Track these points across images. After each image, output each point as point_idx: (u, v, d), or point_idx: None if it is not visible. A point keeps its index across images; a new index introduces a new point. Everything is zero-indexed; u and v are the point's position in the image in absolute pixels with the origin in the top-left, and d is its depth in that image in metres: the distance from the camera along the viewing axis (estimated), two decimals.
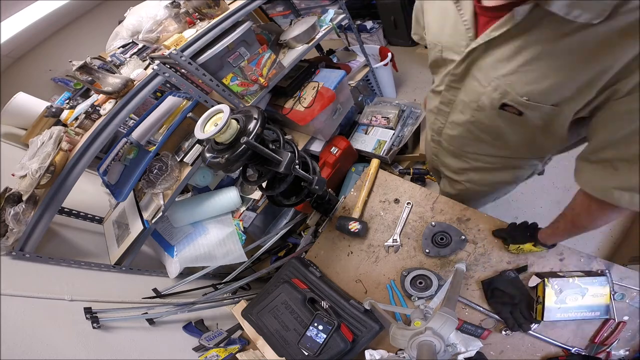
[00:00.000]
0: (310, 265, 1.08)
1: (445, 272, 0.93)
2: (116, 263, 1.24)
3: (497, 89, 0.61)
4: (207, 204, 1.45)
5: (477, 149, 0.82)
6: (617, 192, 0.53)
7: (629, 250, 1.48)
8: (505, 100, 0.62)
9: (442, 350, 0.53)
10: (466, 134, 0.79)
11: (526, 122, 0.63)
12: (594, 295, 0.75)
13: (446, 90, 0.75)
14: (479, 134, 0.76)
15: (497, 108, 0.64)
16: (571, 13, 0.44)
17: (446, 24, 0.67)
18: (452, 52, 0.67)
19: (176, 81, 1.19)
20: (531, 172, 0.88)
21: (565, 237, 0.72)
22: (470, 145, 0.82)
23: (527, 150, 0.77)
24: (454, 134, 0.83)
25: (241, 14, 1.27)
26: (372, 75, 2.19)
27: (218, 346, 1.03)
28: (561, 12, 0.45)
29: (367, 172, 1.16)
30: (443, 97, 0.77)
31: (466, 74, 0.67)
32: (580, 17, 0.44)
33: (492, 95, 0.63)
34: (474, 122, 0.73)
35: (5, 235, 0.99)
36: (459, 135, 0.82)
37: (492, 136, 0.74)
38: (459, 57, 0.65)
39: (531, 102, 0.58)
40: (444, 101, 0.78)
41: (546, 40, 0.50)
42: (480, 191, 0.99)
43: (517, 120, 0.64)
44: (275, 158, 0.75)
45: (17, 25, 1.63)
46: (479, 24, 0.60)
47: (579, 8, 0.44)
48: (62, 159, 1.09)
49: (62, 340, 0.82)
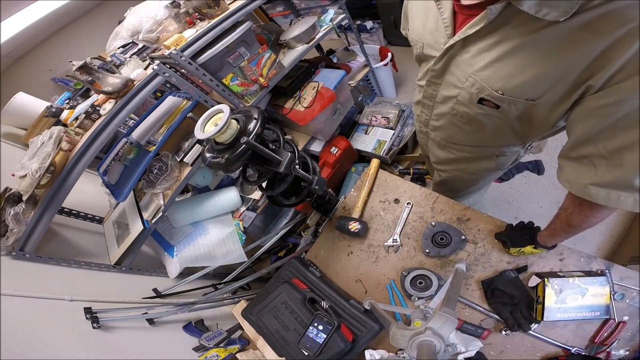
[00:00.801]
0: (310, 265, 1.08)
1: (445, 272, 0.93)
2: (116, 263, 1.24)
3: (474, 84, 0.64)
4: (207, 204, 1.45)
5: (460, 139, 0.85)
6: (593, 189, 0.53)
7: (629, 250, 1.48)
8: (482, 95, 0.64)
9: (442, 350, 0.53)
10: (449, 126, 0.82)
11: (504, 114, 0.65)
12: (594, 295, 0.75)
13: (427, 85, 0.78)
14: (461, 125, 0.78)
15: (475, 102, 0.67)
16: (540, 11, 0.47)
17: (427, 22, 0.70)
18: (432, 49, 0.71)
19: (176, 81, 1.19)
20: (514, 158, 0.91)
21: (564, 237, 0.72)
22: (455, 136, 0.85)
23: (509, 139, 0.79)
24: (438, 125, 0.86)
25: (241, 14, 1.27)
26: (372, 75, 2.18)
27: (218, 346, 1.03)
28: (531, 11, 0.47)
29: (367, 172, 1.16)
30: (425, 92, 0.81)
31: (445, 70, 0.70)
32: (549, 15, 0.46)
33: (470, 90, 0.66)
34: (455, 114, 0.76)
35: (5, 235, 0.99)
36: (443, 126, 0.85)
37: (474, 127, 0.76)
38: (438, 53, 0.68)
39: (506, 96, 0.60)
40: (426, 95, 0.81)
41: (517, 36, 0.53)
42: (467, 179, 1.03)
43: (495, 112, 0.66)
44: (275, 158, 0.75)
45: (17, 25, 1.62)
46: (457, 22, 0.62)
47: (547, 7, 0.46)
48: (62, 159, 1.08)
49: (62, 340, 0.82)
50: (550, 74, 0.52)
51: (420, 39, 0.74)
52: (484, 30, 0.55)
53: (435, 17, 0.66)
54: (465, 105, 0.71)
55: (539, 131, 0.70)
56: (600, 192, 0.52)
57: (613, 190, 0.51)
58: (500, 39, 0.55)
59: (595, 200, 0.53)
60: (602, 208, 0.58)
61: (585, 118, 0.52)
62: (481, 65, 0.60)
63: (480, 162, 0.92)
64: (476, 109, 0.69)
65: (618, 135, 0.48)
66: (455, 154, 0.93)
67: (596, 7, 0.43)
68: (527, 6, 0.47)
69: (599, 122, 0.50)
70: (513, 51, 0.54)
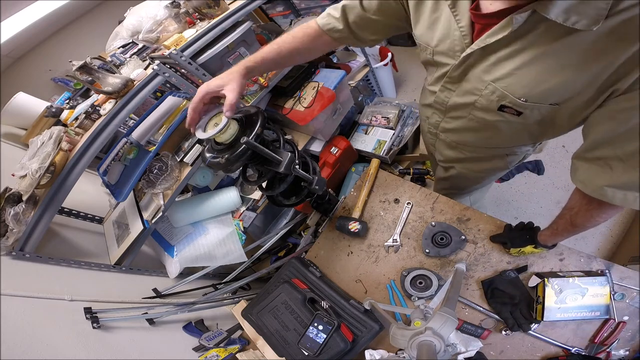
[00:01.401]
0: (310, 265, 1.08)
1: (445, 272, 0.93)
2: (116, 263, 1.24)
3: (494, 92, 0.62)
4: (207, 204, 1.44)
5: (474, 142, 0.84)
6: (610, 190, 0.53)
7: (629, 250, 1.48)
8: (503, 102, 0.62)
9: (442, 350, 0.53)
10: (463, 130, 0.81)
11: (526, 119, 0.64)
12: (594, 295, 0.75)
13: (441, 91, 0.76)
14: (477, 129, 0.77)
15: (495, 110, 0.65)
16: (569, 19, 0.45)
17: (437, 27, 0.66)
18: (445, 56, 0.68)
19: (176, 81, 1.19)
20: (523, 156, 0.91)
21: (565, 236, 0.72)
22: (468, 139, 0.84)
23: (523, 140, 0.78)
24: (450, 128, 0.85)
25: (241, 14, 1.27)
26: (372, 75, 2.18)
27: (218, 346, 1.03)
28: (559, 19, 0.46)
29: (367, 172, 1.16)
30: (438, 97, 0.78)
31: (462, 78, 0.68)
32: (578, 23, 0.45)
33: (489, 97, 0.64)
34: (471, 119, 0.74)
35: (5, 235, 0.99)
36: (456, 129, 0.83)
37: (489, 132, 0.75)
38: (453, 61, 0.66)
39: (529, 102, 0.58)
40: (438, 100, 0.79)
41: (542, 44, 0.51)
42: (473, 177, 1.02)
43: (516, 119, 0.64)
44: (275, 158, 0.75)
45: (17, 25, 1.63)
46: (475, 31, 0.60)
47: (576, 14, 0.44)
48: (62, 159, 1.08)
49: (62, 340, 0.82)
50: (577, 80, 0.51)
51: (429, 44, 0.70)
52: (506, 38, 0.54)
53: (447, 23, 0.63)
54: (484, 112, 0.69)
55: (557, 132, 0.69)
56: (616, 194, 0.52)
57: (630, 192, 0.51)
58: (523, 47, 0.53)
59: (612, 201, 0.53)
60: (608, 209, 0.58)
61: (605, 120, 0.52)
62: (502, 73, 0.58)
63: (491, 161, 0.91)
64: (496, 116, 0.67)
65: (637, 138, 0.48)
66: (465, 154, 0.92)
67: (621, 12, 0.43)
68: (555, 15, 0.45)
69: (619, 125, 0.50)
70: (537, 58, 0.53)
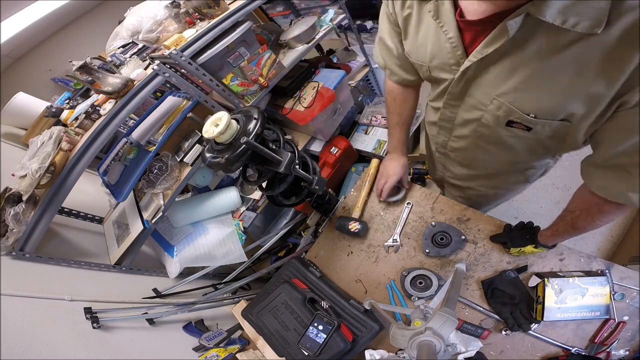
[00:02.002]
0: (310, 265, 1.08)
1: (445, 272, 0.93)
2: (116, 263, 1.24)
3: (500, 107, 0.59)
4: (207, 204, 1.45)
5: (486, 158, 0.80)
6: (633, 195, 0.52)
7: (629, 250, 1.48)
8: (511, 117, 0.59)
9: (442, 350, 0.53)
10: (472, 147, 0.77)
11: (537, 135, 0.61)
12: (594, 295, 0.75)
13: (445, 107, 0.72)
14: (486, 146, 0.74)
15: (503, 125, 0.62)
16: (568, 22, 0.41)
17: (426, 41, 0.62)
18: (442, 72, 0.64)
19: (176, 81, 1.19)
20: (543, 170, 0.87)
21: (566, 238, 0.72)
22: (479, 157, 0.80)
23: (540, 156, 0.75)
24: (458, 146, 0.81)
25: (241, 14, 1.27)
26: (372, 75, 2.18)
27: (218, 346, 1.03)
28: (556, 22, 0.42)
29: (367, 172, 1.16)
30: (442, 115, 0.75)
31: (464, 92, 0.64)
32: (579, 25, 0.41)
33: (495, 113, 0.61)
34: (479, 136, 0.71)
35: (5, 235, 0.99)
36: (465, 148, 0.80)
37: (500, 147, 0.72)
38: (451, 75, 0.63)
39: (539, 119, 0.56)
40: (443, 118, 0.76)
41: (545, 53, 0.47)
42: (493, 194, 0.97)
43: (526, 134, 0.61)
44: (275, 158, 0.75)
45: (17, 25, 1.63)
46: (466, 40, 0.56)
47: (574, 15, 0.41)
48: (62, 159, 1.08)
49: (62, 340, 0.82)
50: (587, 93, 0.48)
51: (423, 61, 0.67)
52: (504, 47, 0.50)
53: (435, 35, 0.59)
54: (490, 128, 0.65)
55: (571, 148, 0.65)
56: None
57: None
58: (525, 56, 0.49)
59: (636, 205, 0.53)
60: (610, 213, 0.58)
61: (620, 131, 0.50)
62: (508, 87, 0.55)
63: (509, 176, 0.86)
64: (504, 132, 0.64)
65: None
66: (479, 171, 0.87)
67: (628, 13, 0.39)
68: (551, 16, 0.41)
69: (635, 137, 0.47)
70: (543, 70, 0.49)
